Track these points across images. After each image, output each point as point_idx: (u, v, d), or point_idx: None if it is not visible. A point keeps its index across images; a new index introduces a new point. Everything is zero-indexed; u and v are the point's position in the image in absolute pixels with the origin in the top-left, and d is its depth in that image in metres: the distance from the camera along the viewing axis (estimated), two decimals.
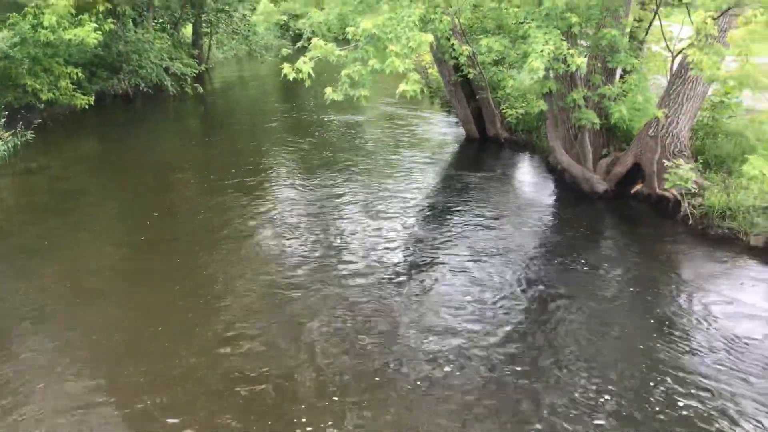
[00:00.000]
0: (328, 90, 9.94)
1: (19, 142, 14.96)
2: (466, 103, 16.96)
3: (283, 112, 23.05)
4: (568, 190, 12.97)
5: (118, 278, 9.38)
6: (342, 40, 10.82)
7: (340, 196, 12.91)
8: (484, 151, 16.42)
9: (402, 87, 9.48)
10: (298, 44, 12.61)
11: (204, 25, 29.83)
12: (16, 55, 16.17)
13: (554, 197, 13.10)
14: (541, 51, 9.60)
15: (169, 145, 17.87)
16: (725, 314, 8.15)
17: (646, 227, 11.42)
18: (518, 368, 7.00)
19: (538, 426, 6.09)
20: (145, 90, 22.12)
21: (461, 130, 18.00)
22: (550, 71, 11.04)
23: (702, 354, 7.33)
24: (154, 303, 8.47)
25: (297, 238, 10.83)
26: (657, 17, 12.69)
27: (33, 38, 16.18)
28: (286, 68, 9.52)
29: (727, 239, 10.30)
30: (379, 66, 9.85)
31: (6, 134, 14.52)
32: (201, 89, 23.41)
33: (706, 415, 6.23)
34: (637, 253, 10.32)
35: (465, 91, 16.89)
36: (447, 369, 7.00)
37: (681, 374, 6.88)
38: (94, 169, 15.05)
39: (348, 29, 10.11)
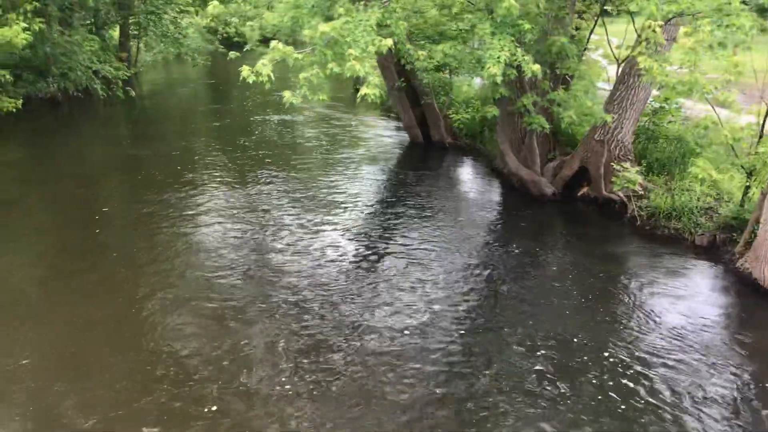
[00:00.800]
0: (287, 93, 9.79)
1: None
2: (410, 108, 17.08)
3: (218, 114, 22.74)
4: (516, 193, 13.23)
5: (49, 291, 8.95)
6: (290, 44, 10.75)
7: (279, 195, 12.98)
8: (428, 154, 16.56)
9: (363, 90, 9.44)
10: (246, 47, 12.47)
11: (132, 27, 28.97)
12: None
13: (501, 199, 13.33)
14: (498, 57, 9.76)
15: (101, 151, 17.26)
16: (670, 307, 8.61)
17: (595, 228, 11.75)
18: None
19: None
20: (74, 94, 21.28)
21: (404, 135, 18.15)
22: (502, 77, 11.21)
23: (639, 341, 7.75)
24: (87, 316, 8.15)
25: (237, 237, 10.83)
26: (597, 25, 13.17)
27: None
28: (245, 71, 9.33)
29: (673, 239, 10.75)
30: (338, 69, 9.82)
31: None
32: (133, 93, 22.74)
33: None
34: (586, 252, 10.61)
35: (409, 96, 17.02)
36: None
37: (611, 355, 7.36)
38: (22, 177, 14.34)
39: (305, 32, 10.01)
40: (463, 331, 7.94)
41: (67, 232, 11.10)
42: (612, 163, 11.88)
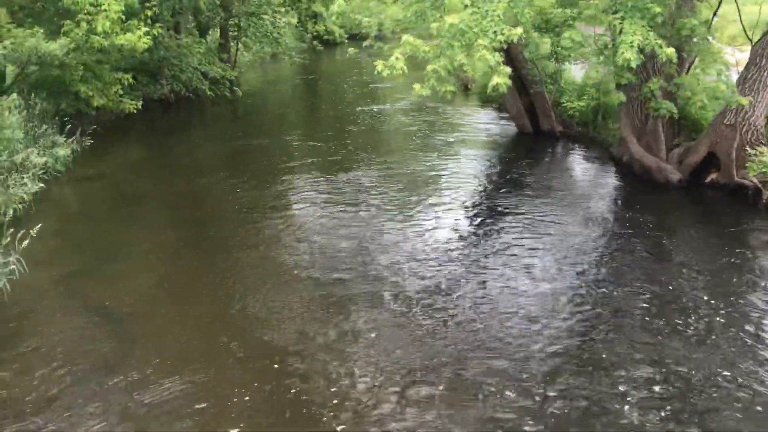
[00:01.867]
0: (416, 86, 9.91)
1: (78, 149, 14.94)
2: (518, 96, 16.93)
3: (319, 108, 23.58)
4: (637, 180, 12.95)
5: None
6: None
7: (385, 182, 13.33)
8: (539, 144, 16.39)
9: (495, 80, 9.45)
10: (365, 43, 12.69)
11: (232, 29, 29.84)
12: (71, 63, 16.20)
13: (622, 187, 13.05)
14: (631, 42, 9.58)
15: (216, 146, 17.84)
16: None
17: (727, 215, 11.37)
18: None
19: None
20: (185, 95, 22.12)
21: (508, 126, 18.05)
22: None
23: None
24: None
25: (346, 225, 11.11)
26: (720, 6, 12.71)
27: (86, 45, 16.19)
28: (380, 65, 9.49)
29: None
30: (466, 60, 9.86)
31: (68, 141, 14.49)
32: (239, 92, 23.44)
33: None
34: (718, 240, 10.27)
35: (516, 85, 16.85)
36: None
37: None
38: (145, 173, 15.03)
39: (432, 24, 10.10)
40: (588, 325, 7.80)
41: (184, 223, 11.66)
42: (745, 148, 11.44)
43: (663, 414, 6.12)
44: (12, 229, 8.98)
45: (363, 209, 11.88)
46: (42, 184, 12.07)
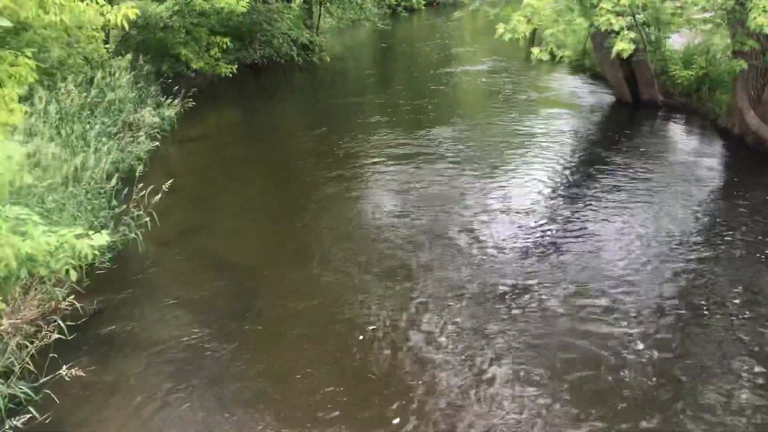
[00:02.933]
0: (535, 50, 9.83)
1: (181, 110, 15.34)
2: (618, 65, 16.49)
3: (410, 73, 23.46)
4: (750, 153, 12.53)
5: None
6: None
7: (482, 148, 13.42)
8: (640, 114, 15.95)
9: (620, 45, 9.27)
10: (473, 5, 12.59)
11: None
12: (174, 25, 16.58)
13: (732, 160, 12.62)
14: (764, 6, 9.20)
15: (313, 110, 18.10)
16: None
17: None
18: None
19: None
20: (277, 60, 22.37)
21: (603, 96, 17.66)
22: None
23: None
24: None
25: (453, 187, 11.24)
26: None
27: (188, 7, 16.53)
28: (501, 28, 9.41)
29: None
30: (586, 24, 9.69)
31: (173, 102, 14.88)
32: (328, 58, 23.56)
33: None
34: None
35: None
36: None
37: None
38: (250, 135, 15.36)
39: None
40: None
41: (287, 182, 12.05)
42: None
43: None
44: (141, 185, 9.30)
45: (451, 166, 12.21)
46: (157, 143, 12.44)
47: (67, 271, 5.79)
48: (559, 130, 14.77)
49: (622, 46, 9.17)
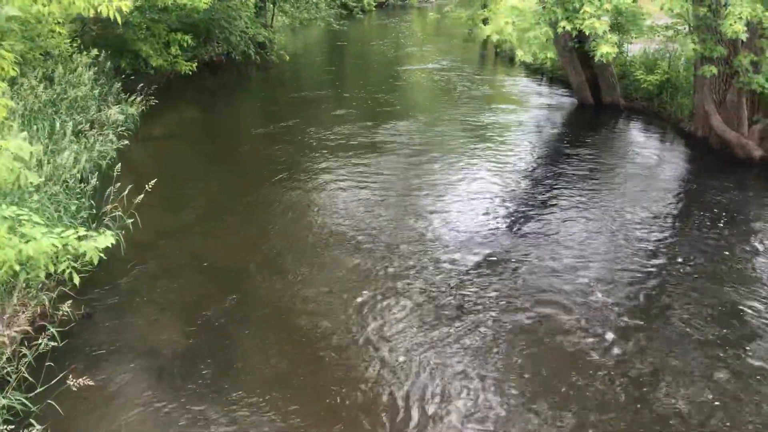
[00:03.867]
0: (519, 52, 9.91)
1: (144, 108, 14.90)
2: (581, 69, 16.81)
3: (368, 71, 23.54)
4: (713, 156, 12.91)
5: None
6: None
7: (438, 150, 13.33)
8: (603, 117, 16.26)
9: (603, 48, 9.42)
10: (446, 9, 12.59)
11: None
12: (133, 21, 16.11)
13: (697, 163, 12.96)
14: (739, 14, 9.50)
15: (276, 108, 17.82)
16: None
17: None
18: None
19: None
20: (235, 57, 22.02)
21: (567, 98, 17.97)
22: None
23: None
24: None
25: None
26: None
27: (149, 3, 16.08)
28: (488, 29, 9.42)
29: None
30: (569, 26, 9.81)
31: (137, 100, 14.42)
32: (287, 57, 23.29)
33: None
34: None
35: (580, 57, 16.72)
36: None
37: None
38: (216, 132, 15.08)
39: None
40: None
41: (259, 179, 11.76)
42: None
43: None
44: (117, 185, 8.95)
45: (411, 159, 12.46)
46: (127, 141, 12.03)
47: (70, 275, 5.53)
48: (521, 129, 15.16)
49: (606, 49, 9.34)
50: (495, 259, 8.64)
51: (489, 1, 26.19)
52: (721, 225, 9.77)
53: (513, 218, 10.05)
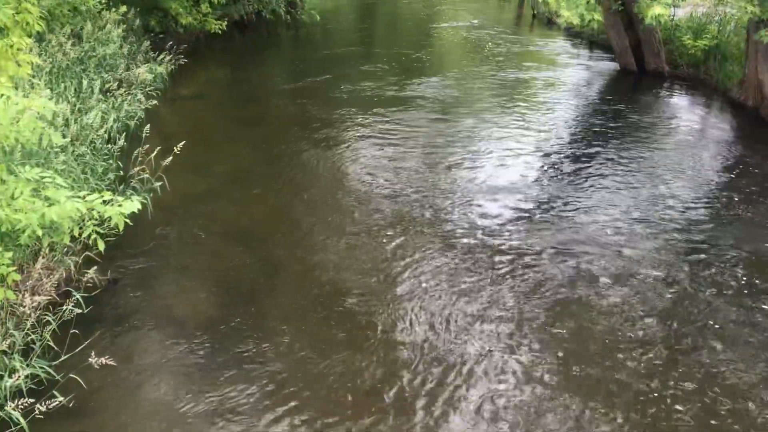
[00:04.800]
0: (564, 12, 9.36)
1: (173, 67, 14.55)
2: (625, 33, 16.10)
3: (400, 29, 23.31)
4: (766, 126, 12.33)
5: None
6: None
7: (481, 123, 12.54)
8: (647, 83, 15.60)
9: (656, 9, 8.87)
10: None
11: None
12: None
13: (751, 134, 12.34)
14: None
15: (306, 67, 17.35)
16: None
17: None
18: None
19: None
20: (265, 16, 21.55)
21: (608, 64, 17.29)
22: None
23: None
24: None
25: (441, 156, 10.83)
26: None
27: None
28: None
29: None
30: None
31: (165, 59, 14.08)
32: (317, 16, 22.73)
33: None
34: None
35: (624, 20, 16.01)
36: None
37: None
38: (246, 94, 14.66)
39: None
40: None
41: (290, 143, 11.36)
42: None
43: None
44: (145, 146, 8.68)
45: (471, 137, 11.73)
46: (155, 101, 11.73)
47: (95, 240, 5.27)
48: (559, 92, 14.80)
49: (659, 10, 8.78)
50: (527, 213, 8.44)
51: None
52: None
53: (546, 178, 9.89)
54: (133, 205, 5.11)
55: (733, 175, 10.29)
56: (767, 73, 11.90)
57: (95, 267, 6.37)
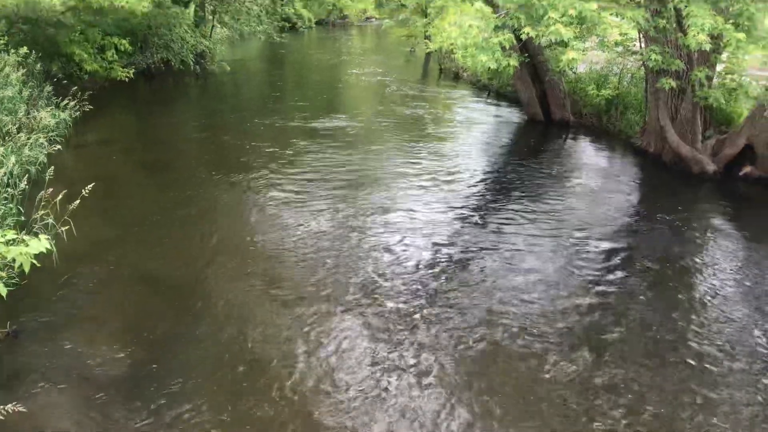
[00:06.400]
0: (482, 57, 9.56)
1: (78, 114, 13.94)
2: (531, 84, 16.73)
3: (308, 82, 22.97)
4: (666, 172, 12.86)
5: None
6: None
7: (383, 168, 12.56)
8: (553, 133, 16.17)
9: (570, 54, 9.18)
10: (401, 17, 12.26)
11: (209, 3, 28.78)
12: (68, 22, 15.17)
13: (650, 178, 12.85)
14: (701, 25, 9.42)
15: (215, 117, 17.05)
16: None
17: (765, 209, 11.36)
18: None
19: None
20: (174, 65, 21.15)
21: (516, 115, 17.88)
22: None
23: None
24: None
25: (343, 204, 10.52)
26: None
27: (85, 4, 15.18)
28: (454, 32, 9.06)
29: None
30: (533, 33, 9.54)
31: (70, 104, 13.47)
32: (227, 67, 22.56)
33: None
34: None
35: (530, 72, 16.65)
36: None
37: None
38: (153, 141, 14.29)
39: None
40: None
41: (197, 189, 10.93)
42: None
43: None
44: (49, 190, 8.12)
45: (375, 185, 11.53)
46: (59, 146, 11.11)
47: None
48: (468, 142, 14.92)
49: (573, 55, 9.08)
50: (435, 272, 8.18)
51: (432, 17, 26.23)
52: (679, 239, 9.60)
53: (455, 232, 9.56)
54: (41, 244, 4.68)
55: (641, 220, 10.56)
56: (667, 119, 12.49)
57: None
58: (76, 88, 14.32)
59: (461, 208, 10.51)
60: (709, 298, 7.80)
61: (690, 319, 7.24)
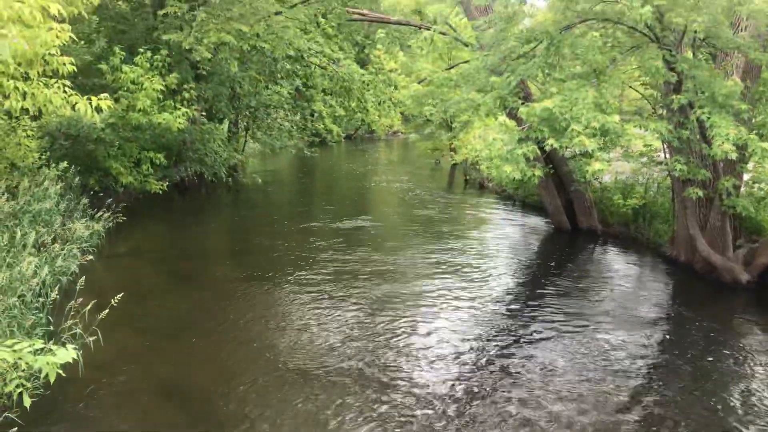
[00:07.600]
0: (507, 167, 9.69)
1: (111, 225, 14.29)
2: (557, 194, 16.85)
3: (340, 196, 23.30)
4: (699, 281, 12.65)
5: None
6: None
7: (409, 283, 12.22)
8: (580, 242, 16.11)
9: (596, 165, 9.28)
10: (427, 130, 12.58)
11: (242, 119, 29.90)
12: (107, 138, 15.81)
13: (682, 288, 12.65)
14: (726, 135, 9.51)
15: (250, 231, 17.32)
16: None
17: None
18: None
19: None
20: (208, 178, 21.77)
21: (543, 224, 17.91)
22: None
23: None
24: None
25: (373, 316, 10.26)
26: None
27: (123, 121, 15.88)
28: (478, 144, 9.24)
29: None
30: (557, 144, 9.70)
31: (104, 216, 13.83)
32: (259, 180, 23.15)
33: None
34: None
35: (555, 182, 16.82)
36: None
37: None
38: (186, 253, 14.42)
39: (521, 110, 9.98)
40: None
41: (230, 302, 10.92)
42: None
43: None
44: (78, 300, 8.24)
45: (382, 293, 11.37)
46: (91, 257, 11.32)
47: (20, 396, 4.74)
48: (498, 252, 14.79)
49: (598, 166, 9.16)
50: (466, 386, 7.96)
51: (457, 131, 26.94)
52: (712, 350, 9.31)
53: (484, 345, 9.34)
54: (68, 354, 4.66)
55: (676, 328, 10.33)
56: (696, 228, 12.40)
57: (15, 429, 5.70)
58: (111, 200, 14.73)
59: (490, 315, 10.42)
60: (744, 410, 7.47)
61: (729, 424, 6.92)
